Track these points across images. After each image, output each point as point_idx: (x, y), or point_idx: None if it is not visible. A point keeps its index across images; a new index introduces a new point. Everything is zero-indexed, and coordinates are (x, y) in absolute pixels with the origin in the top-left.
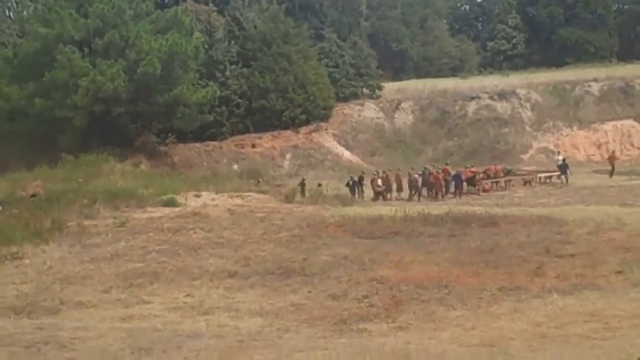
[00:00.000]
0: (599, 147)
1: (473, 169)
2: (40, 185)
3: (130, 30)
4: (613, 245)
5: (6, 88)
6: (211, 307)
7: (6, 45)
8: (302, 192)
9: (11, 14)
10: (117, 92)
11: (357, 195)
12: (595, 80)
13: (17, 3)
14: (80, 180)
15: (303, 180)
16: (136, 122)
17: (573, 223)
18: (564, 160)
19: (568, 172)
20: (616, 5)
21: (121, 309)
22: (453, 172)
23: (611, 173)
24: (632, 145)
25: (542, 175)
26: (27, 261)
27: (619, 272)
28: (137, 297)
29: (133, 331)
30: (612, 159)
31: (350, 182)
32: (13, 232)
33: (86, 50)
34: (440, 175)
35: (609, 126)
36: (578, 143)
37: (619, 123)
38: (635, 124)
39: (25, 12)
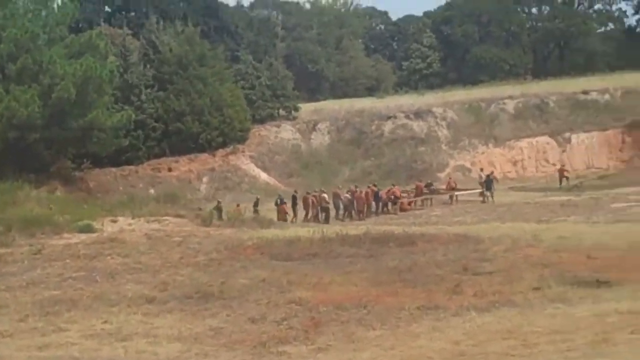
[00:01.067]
0: (514, 164)
1: (395, 189)
2: None
3: (44, 55)
4: (530, 262)
5: None
6: (129, 333)
7: None
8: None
9: None
10: (31, 117)
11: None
12: (510, 97)
13: None
14: None
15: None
16: (51, 148)
17: (490, 240)
18: (488, 176)
19: (493, 188)
20: (530, 22)
21: (38, 338)
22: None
23: (563, 186)
24: (547, 161)
25: (463, 192)
26: None
27: (537, 289)
28: (54, 325)
29: None
30: (561, 171)
31: (278, 201)
32: None
33: (1, 75)
34: (363, 195)
35: (524, 143)
36: (494, 160)
37: (534, 140)
38: (550, 140)
39: None
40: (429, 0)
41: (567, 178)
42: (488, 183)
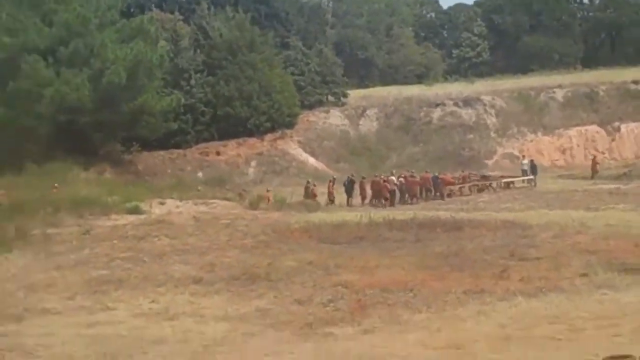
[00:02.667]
0: (563, 152)
1: (447, 175)
2: (3, 194)
3: (95, 39)
4: (577, 249)
5: None
6: (176, 313)
7: None
8: (307, 196)
9: None
10: (81, 101)
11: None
12: (559, 86)
13: None
14: (56, 185)
15: (308, 183)
16: (101, 131)
17: (537, 227)
18: (531, 161)
19: (536, 173)
20: (581, 12)
21: (86, 316)
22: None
23: (592, 176)
24: (597, 150)
25: (507, 180)
26: None
27: (584, 275)
28: (101, 303)
29: (98, 337)
30: (594, 163)
31: (347, 182)
32: None
33: (51, 59)
34: (419, 181)
35: (573, 132)
36: (542, 148)
37: (583, 129)
38: (600, 129)
39: None
40: None
41: (597, 171)
42: (533, 168)
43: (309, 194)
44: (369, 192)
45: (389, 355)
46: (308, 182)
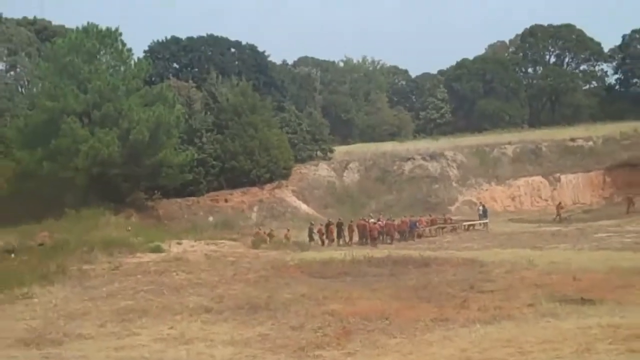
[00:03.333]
0: (513, 199)
1: (424, 218)
2: (47, 235)
3: (123, 103)
4: (525, 283)
5: (18, 153)
6: (191, 338)
7: (19, 117)
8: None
9: (23, 90)
10: (111, 156)
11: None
12: (509, 143)
13: (27, 81)
14: (129, 228)
15: (311, 225)
16: (127, 181)
17: (492, 264)
18: (483, 206)
19: (487, 218)
20: (526, 80)
21: (115, 341)
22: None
23: (557, 218)
24: (540, 197)
25: (469, 223)
26: (36, 300)
27: (531, 305)
28: (128, 330)
29: (125, 359)
30: (558, 207)
31: (312, 226)
32: (23, 275)
33: (86, 120)
34: (395, 224)
35: (521, 182)
36: (496, 196)
37: (529, 179)
38: (543, 179)
39: (34, 89)
40: (443, 60)
41: (560, 214)
42: (485, 213)
43: (311, 234)
44: (356, 232)
45: None
46: (311, 224)
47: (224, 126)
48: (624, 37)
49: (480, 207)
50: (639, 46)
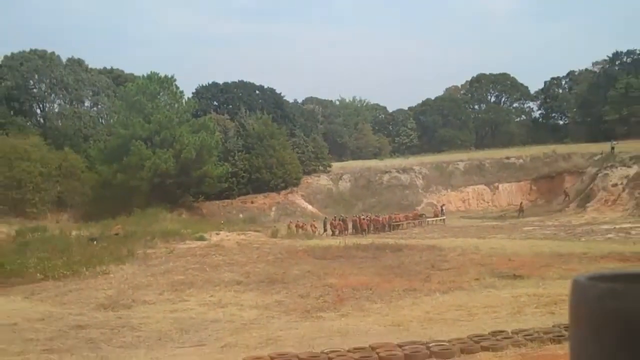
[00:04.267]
0: (463, 202)
1: (396, 215)
2: (120, 228)
3: (176, 131)
4: (473, 263)
5: (99, 167)
6: (226, 303)
7: (100, 141)
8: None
9: (103, 121)
10: (168, 170)
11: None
12: (461, 160)
13: (106, 114)
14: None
15: (325, 219)
16: (179, 188)
17: (448, 249)
18: (442, 206)
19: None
20: (473, 114)
21: (170, 305)
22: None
23: (519, 215)
24: (484, 200)
25: (432, 219)
26: (112, 275)
27: (476, 279)
28: (180, 297)
29: (177, 319)
30: (521, 207)
31: (326, 220)
32: (103, 257)
33: (149, 143)
34: (375, 220)
35: (469, 189)
36: (451, 200)
37: (475, 187)
38: (485, 187)
39: (111, 120)
40: (412, 99)
41: (522, 210)
42: (442, 211)
43: (324, 226)
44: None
45: (356, 330)
46: (325, 218)
47: (251, 148)
48: (545, 82)
49: (441, 208)
50: (556, 89)
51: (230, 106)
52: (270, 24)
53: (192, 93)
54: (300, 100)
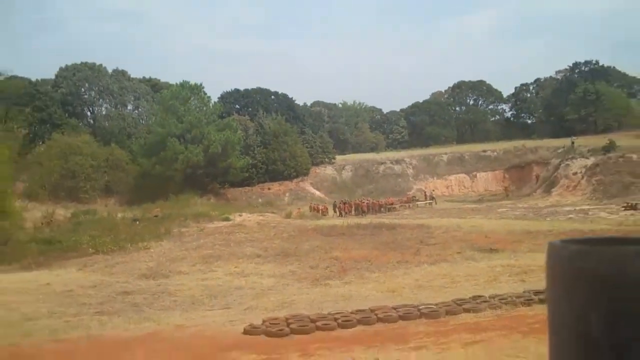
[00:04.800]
0: (447, 188)
1: (391, 199)
2: (158, 210)
3: (204, 129)
4: (455, 239)
5: (140, 160)
6: (248, 273)
7: (140, 138)
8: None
9: (142, 121)
10: (198, 162)
11: (343, 213)
12: (445, 153)
13: (146, 116)
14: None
15: (337, 201)
16: (208, 177)
17: (434, 227)
18: (432, 192)
19: (434, 200)
20: (455, 115)
21: (201, 275)
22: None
23: (507, 195)
24: (464, 187)
25: (422, 202)
26: (152, 250)
27: (459, 253)
28: (209, 268)
29: (207, 286)
30: (507, 190)
31: (336, 203)
32: (144, 235)
33: (182, 140)
34: (373, 203)
35: (452, 177)
36: (437, 186)
37: (457, 175)
38: (466, 175)
39: (150, 121)
40: (404, 101)
41: (508, 194)
42: (431, 196)
43: (334, 208)
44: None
45: (358, 295)
46: (335, 202)
47: (268, 143)
48: (515, 88)
49: (430, 193)
50: (525, 94)
51: (250, 109)
52: (279, 39)
53: (218, 98)
54: (309, 104)
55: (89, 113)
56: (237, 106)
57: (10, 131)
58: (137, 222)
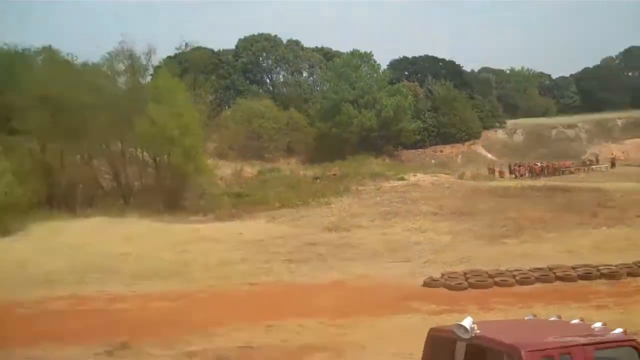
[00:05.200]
0: (622, 152)
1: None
2: (337, 170)
3: (376, 95)
4: (635, 202)
5: (318, 124)
6: (425, 229)
7: (316, 103)
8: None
9: (317, 88)
10: (371, 125)
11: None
12: (619, 118)
13: (320, 83)
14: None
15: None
16: (382, 140)
17: (612, 191)
18: (612, 159)
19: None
20: (628, 80)
21: (380, 229)
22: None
23: (612, 166)
24: None
25: (598, 166)
26: (333, 206)
27: (638, 216)
28: (387, 224)
29: (386, 240)
30: (613, 159)
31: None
32: (325, 192)
33: (355, 105)
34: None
35: (629, 142)
36: (612, 150)
37: (634, 140)
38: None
39: (324, 87)
40: (572, 66)
41: (614, 164)
42: (613, 163)
43: (509, 170)
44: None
45: (535, 254)
46: (510, 164)
47: (437, 108)
48: None
49: (609, 157)
50: None
51: (419, 75)
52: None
53: (387, 65)
54: (476, 70)
55: (267, 80)
56: (405, 73)
57: (199, 97)
58: (318, 180)
